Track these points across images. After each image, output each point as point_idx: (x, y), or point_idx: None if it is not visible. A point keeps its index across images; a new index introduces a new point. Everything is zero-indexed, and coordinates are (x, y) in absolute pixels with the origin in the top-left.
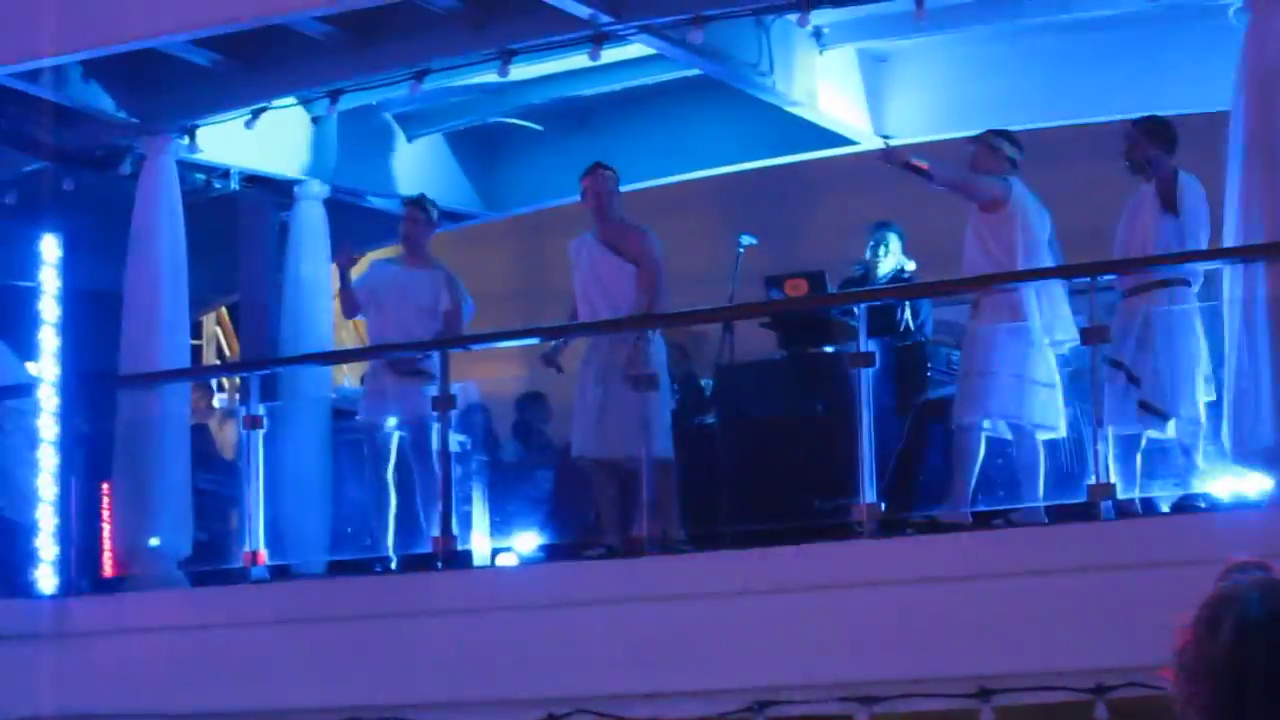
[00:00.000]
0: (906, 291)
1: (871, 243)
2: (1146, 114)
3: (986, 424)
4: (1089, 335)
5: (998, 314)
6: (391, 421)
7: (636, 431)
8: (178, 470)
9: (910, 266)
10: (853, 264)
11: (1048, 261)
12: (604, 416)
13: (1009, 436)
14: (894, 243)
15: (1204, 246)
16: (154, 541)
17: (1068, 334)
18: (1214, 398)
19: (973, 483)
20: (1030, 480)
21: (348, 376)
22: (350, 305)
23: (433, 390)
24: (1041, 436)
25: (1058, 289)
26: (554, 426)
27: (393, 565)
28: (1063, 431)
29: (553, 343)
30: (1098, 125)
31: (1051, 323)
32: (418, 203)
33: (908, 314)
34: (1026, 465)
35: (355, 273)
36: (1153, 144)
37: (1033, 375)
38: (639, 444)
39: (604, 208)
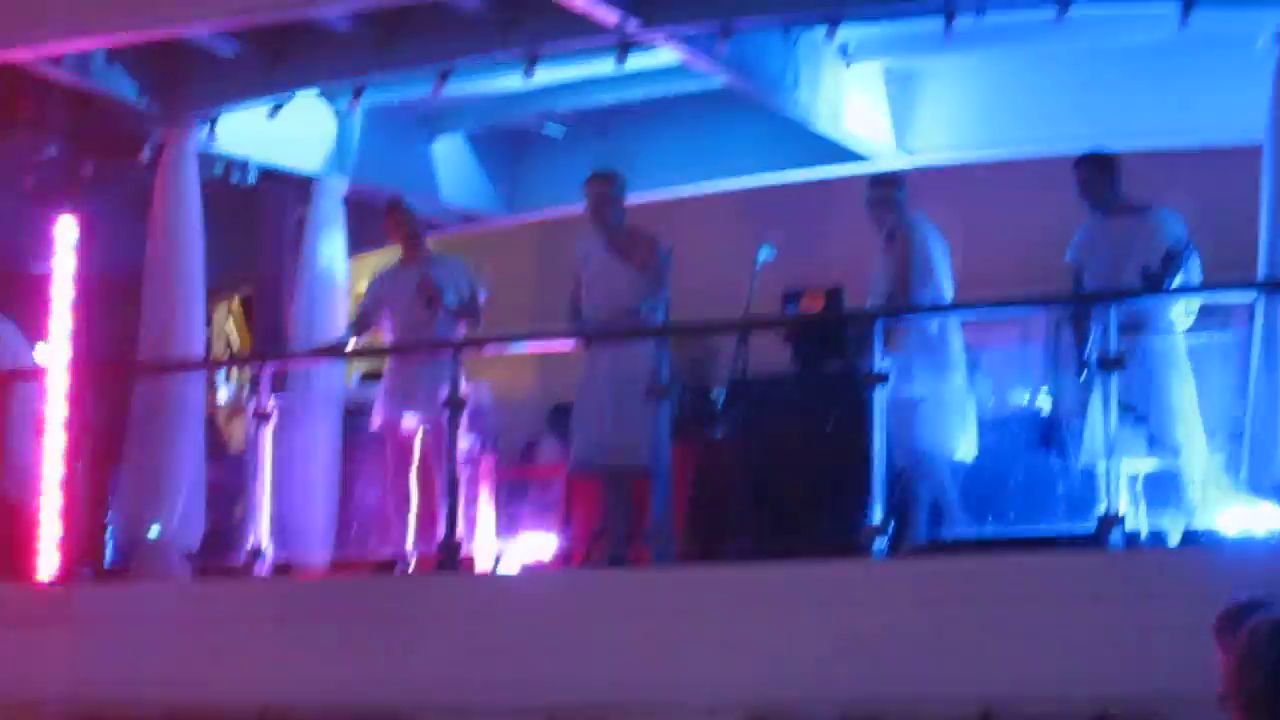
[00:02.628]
0: (928, 311)
1: None
2: (1091, 149)
3: None
4: (1104, 364)
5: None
6: (410, 420)
7: (644, 441)
8: (191, 461)
9: None
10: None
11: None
12: (611, 425)
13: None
14: None
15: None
16: (154, 531)
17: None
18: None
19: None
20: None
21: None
22: (364, 323)
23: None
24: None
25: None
26: None
27: (411, 568)
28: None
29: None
30: (1123, 153)
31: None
32: (397, 204)
33: None
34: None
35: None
36: (1106, 177)
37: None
38: (646, 454)
39: (602, 216)
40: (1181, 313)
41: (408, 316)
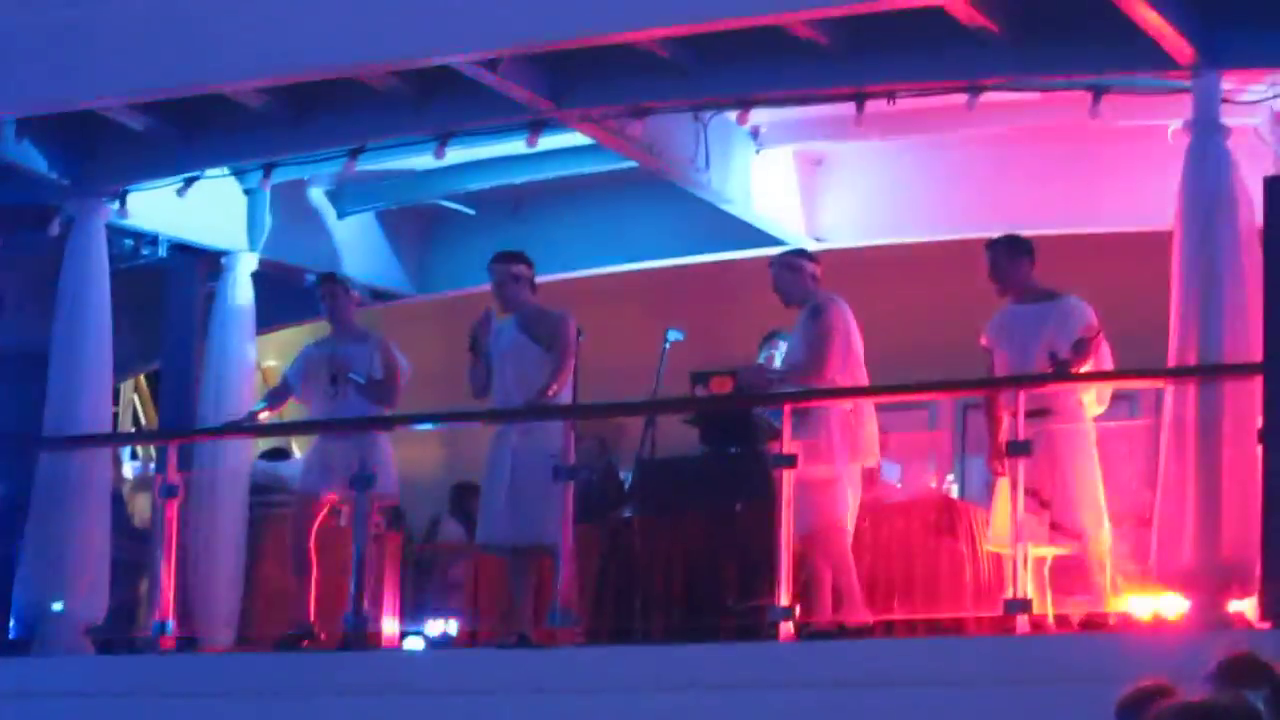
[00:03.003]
0: (835, 394)
1: (765, 353)
2: (1003, 233)
3: None
4: (1012, 449)
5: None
6: (330, 494)
7: (551, 520)
8: (96, 536)
9: None
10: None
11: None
12: (517, 504)
13: None
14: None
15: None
16: (57, 606)
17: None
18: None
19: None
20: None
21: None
22: (280, 395)
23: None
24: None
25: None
26: None
27: (315, 637)
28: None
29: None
30: (1033, 237)
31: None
32: (333, 278)
33: None
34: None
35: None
36: (1019, 261)
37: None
38: (553, 532)
39: (505, 296)
40: (1092, 399)
41: (322, 391)
